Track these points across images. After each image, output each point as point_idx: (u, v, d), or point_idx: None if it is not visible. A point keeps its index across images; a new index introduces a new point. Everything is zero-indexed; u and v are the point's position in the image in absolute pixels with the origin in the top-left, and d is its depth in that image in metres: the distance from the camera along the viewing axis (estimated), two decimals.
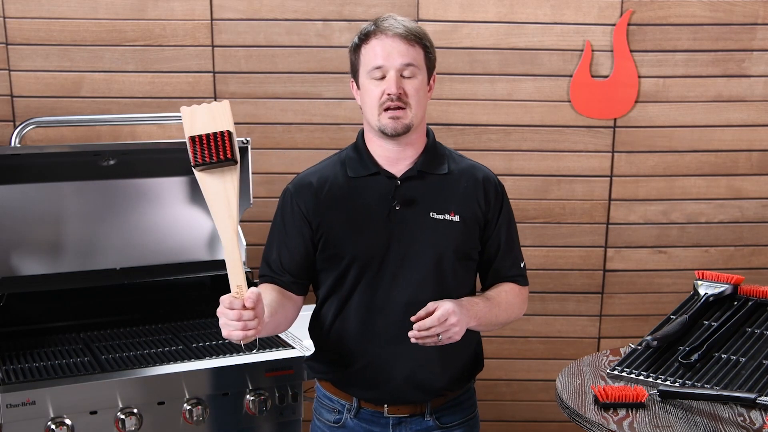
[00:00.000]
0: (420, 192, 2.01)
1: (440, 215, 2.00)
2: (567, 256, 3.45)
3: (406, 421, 2.07)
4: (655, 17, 3.30)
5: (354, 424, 2.09)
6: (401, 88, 1.94)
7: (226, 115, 1.79)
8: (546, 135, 3.38)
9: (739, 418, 2.02)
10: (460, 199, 2.02)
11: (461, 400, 2.14)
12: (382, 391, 2.05)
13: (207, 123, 1.77)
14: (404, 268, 1.99)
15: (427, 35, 2.02)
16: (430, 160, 2.04)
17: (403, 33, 1.95)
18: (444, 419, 2.10)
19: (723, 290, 2.58)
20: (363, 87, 2.01)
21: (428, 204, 2.01)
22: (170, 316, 2.82)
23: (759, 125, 3.39)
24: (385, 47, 1.95)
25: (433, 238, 1.99)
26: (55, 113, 3.20)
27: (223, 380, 2.40)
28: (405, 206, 2.00)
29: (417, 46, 1.97)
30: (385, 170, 2.02)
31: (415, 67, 1.96)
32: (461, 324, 1.89)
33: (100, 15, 3.20)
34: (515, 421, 3.57)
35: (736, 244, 3.47)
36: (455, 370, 2.08)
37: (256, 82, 3.30)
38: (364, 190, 2.02)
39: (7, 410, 2.16)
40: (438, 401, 2.08)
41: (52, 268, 2.70)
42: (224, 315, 1.77)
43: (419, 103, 1.97)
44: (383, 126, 1.96)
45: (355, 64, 2.03)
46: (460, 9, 3.27)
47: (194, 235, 2.88)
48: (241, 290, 1.76)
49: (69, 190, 2.72)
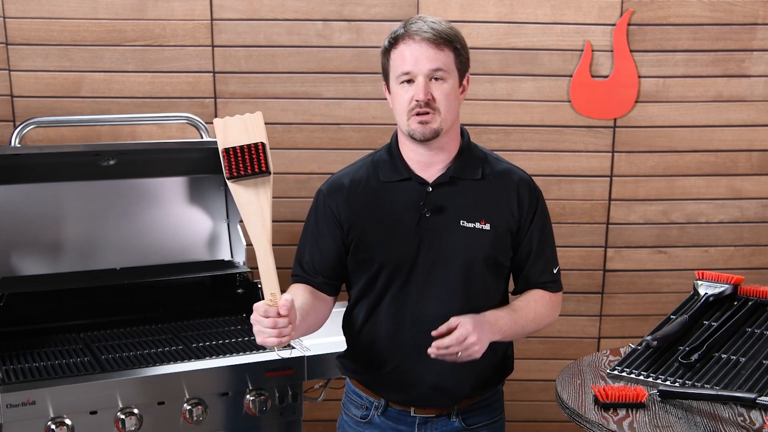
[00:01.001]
0: (451, 199, 2.00)
1: (471, 224, 1.98)
2: (567, 256, 3.45)
3: (432, 421, 2.08)
4: (655, 17, 3.30)
5: (380, 422, 2.10)
6: (429, 94, 1.92)
7: (259, 126, 1.79)
8: (546, 135, 3.38)
9: (739, 418, 2.02)
10: (492, 206, 2.00)
11: (488, 402, 2.14)
12: (409, 396, 2.06)
13: (240, 135, 1.77)
14: (433, 276, 1.99)
15: (459, 36, 1.98)
16: (463, 166, 2.02)
17: (431, 37, 1.92)
18: (470, 420, 2.10)
19: (723, 290, 2.58)
20: (393, 92, 1.99)
21: (459, 212, 1.99)
22: (170, 316, 2.81)
23: (759, 125, 3.39)
24: (413, 52, 1.93)
25: (463, 247, 1.98)
26: (55, 113, 3.20)
27: (223, 380, 2.39)
28: (435, 213, 1.99)
29: (446, 49, 1.94)
30: (417, 176, 2.01)
31: (444, 71, 1.94)
32: (482, 342, 1.89)
33: (100, 15, 3.20)
34: (515, 421, 3.57)
35: (736, 244, 3.47)
36: (482, 376, 2.08)
37: (256, 82, 3.30)
38: (396, 196, 2.01)
39: (7, 410, 2.16)
40: (465, 404, 2.09)
41: (52, 268, 2.70)
42: (259, 323, 1.79)
43: (449, 108, 1.96)
44: (412, 131, 1.95)
45: (386, 68, 2.01)
46: (460, 9, 3.27)
47: (194, 235, 2.88)
48: (275, 298, 1.77)
49: (69, 190, 2.72)
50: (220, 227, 2.90)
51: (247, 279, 2.77)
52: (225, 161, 1.77)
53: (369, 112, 3.33)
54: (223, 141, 1.78)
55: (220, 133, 1.78)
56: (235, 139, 1.77)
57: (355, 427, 2.15)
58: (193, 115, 2.99)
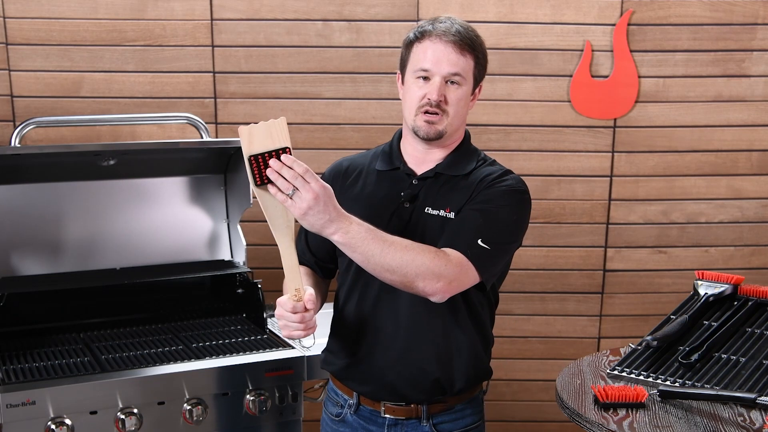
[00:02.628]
0: (428, 191, 2.01)
1: (435, 211, 1.99)
2: (567, 256, 3.45)
3: (402, 423, 2.07)
4: (655, 17, 3.30)
5: (353, 420, 2.11)
6: (443, 95, 1.94)
7: (283, 131, 1.80)
8: (546, 135, 3.38)
9: (739, 418, 2.02)
10: (462, 197, 2.01)
11: (461, 409, 2.11)
12: (376, 386, 2.06)
13: (265, 141, 1.78)
14: None
15: (482, 45, 2.00)
16: (452, 164, 2.03)
17: (456, 40, 1.94)
18: (442, 426, 2.08)
19: (723, 290, 2.58)
20: (407, 84, 2.01)
21: (428, 201, 2.00)
22: (170, 316, 2.81)
23: (759, 125, 3.39)
24: (436, 51, 1.94)
25: (425, 232, 1.98)
26: (55, 113, 3.20)
27: (223, 380, 2.39)
28: (410, 203, 2.01)
29: (468, 55, 1.96)
30: (408, 167, 2.04)
31: (461, 76, 1.95)
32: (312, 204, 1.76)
33: (100, 15, 3.20)
34: (515, 421, 3.57)
35: (736, 244, 3.47)
36: (451, 371, 2.05)
37: (256, 82, 3.30)
38: (383, 185, 2.05)
39: (7, 410, 2.16)
40: (435, 407, 2.07)
41: (52, 268, 2.69)
42: (285, 318, 1.88)
43: (457, 113, 1.97)
44: (417, 127, 1.98)
45: (405, 59, 2.02)
46: (460, 9, 3.27)
47: (194, 235, 2.88)
48: (299, 293, 1.86)
49: (69, 190, 2.72)
50: (220, 227, 2.90)
51: (247, 279, 2.77)
52: (254, 169, 1.78)
53: (369, 112, 3.33)
54: (248, 148, 1.78)
55: (245, 140, 1.79)
56: (260, 145, 1.78)
57: (331, 425, 2.17)
58: (193, 115, 2.99)
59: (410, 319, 2.01)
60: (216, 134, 3.29)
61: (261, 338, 2.62)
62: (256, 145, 1.78)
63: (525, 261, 3.42)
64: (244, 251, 2.82)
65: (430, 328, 2.01)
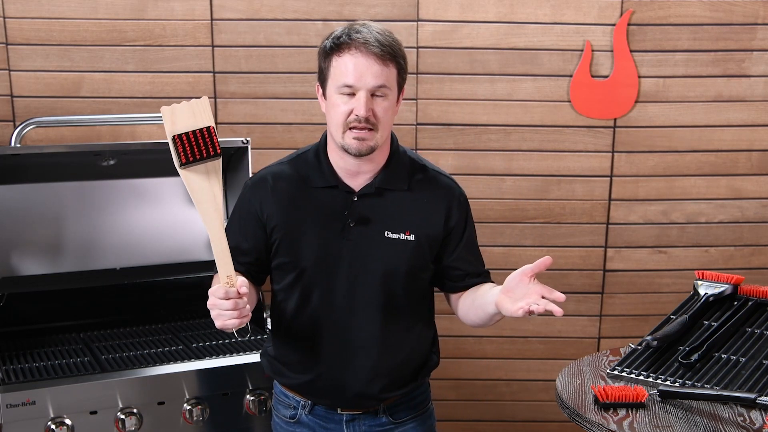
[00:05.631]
0: (376, 210, 1.98)
1: (395, 234, 1.97)
2: (567, 256, 3.45)
3: (360, 417, 2.08)
4: (655, 17, 3.30)
5: (308, 420, 2.10)
6: (370, 110, 1.87)
7: (206, 110, 1.78)
8: (546, 135, 3.38)
9: (739, 418, 2.02)
10: (417, 216, 1.99)
11: (414, 396, 2.14)
12: (335, 401, 2.06)
13: (188, 120, 1.77)
14: (356, 286, 1.98)
15: (402, 50, 1.93)
16: (390, 176, 2.00)
17: (378, 51, 1.86)
18: (397, 415, 2.11)
19: (723, 290, 2.58)
20: (330, 100, 1.92)
21: (384, 223, 1.98)
22: (170, 316, 2.82)
23: (759, 125, 3.39)
24: (358, 66, 1.86)
25: (387, 258, 1.97)
26: (55, 113, 3.19)
27: (223, 380, 2.40)
28: (360, 224, 1.97)
29: (391, 65, 1.89)
30: (344, 183, 1.98)
31: (386, 88, 1.89)
32: None
33: (100, 15, 3.20)
34: (515, 421, 3.57)
35: (736, 244, 3.47)
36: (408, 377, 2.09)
37: (256, 82, 3.30)
38: (321, 202, 1.98)
39: (7, 410, 2.16)
40: (390, 400, 2.09)
41: (52, 268, 2.70)
42: (218, 306, 1.80)
43: (386, 124, 1.92)
44: (347, 146, 1.91)
45: (324, 71, 1.94)
46: (460, 9, 3.27)
47: (194, 235, 2.88)
48: (231, 280, 1.78)
49: (69, 190, 2.72)
50: None
51: None
52: (177, 148, 1.77)
53: None
54: (171, 128, 1.77)
55: (167, 120, 1.77)
56: (183, 125, 1.77)
57: (285, 427, 2.14)
58: None
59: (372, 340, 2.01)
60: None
61: (261, 338, 2.63)
62: (179, 125, 1.77)
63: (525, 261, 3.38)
64: None
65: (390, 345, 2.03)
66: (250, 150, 2.71)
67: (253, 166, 2.76)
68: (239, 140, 2.71)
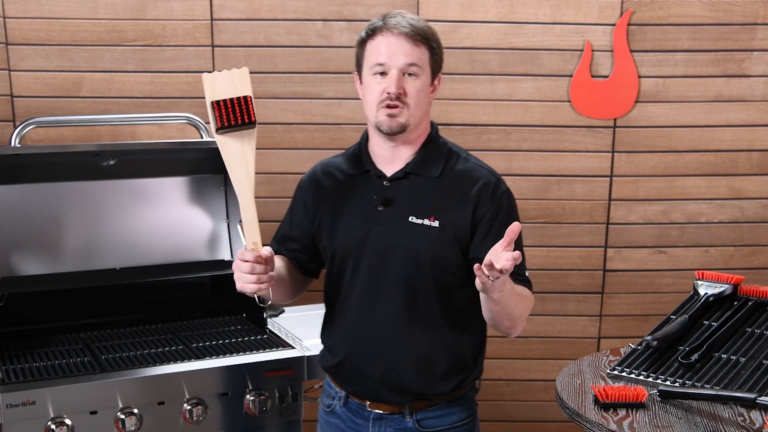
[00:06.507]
0: (404, 194, 2.00)
1: (419, 220, 1.98)
2: (567, 256, 3.45)
3: (387, 418, 2.08)
4: (655, 17, 3.30)
5: (341, 412, 2.13)
6: (402, 88, 1.94)
7: (245, 80, 1.88)
8: (546, 135, 3.38)
9: (739, 418, 2.02)
10: (444, 204, 1.99)
11: (446, 406, 2.09)
12: (361, 388, 2.08)
13: (227, 88, 1.88)
14: (381, 270, 2.00)
15: (435, 35, 2.00)
16: (422, 162, 2.02)
17: (409, 32, 1.94)
18: (425, 423, 2.07)
19: (723, 290, 2.58)
20: (365, 82, 2.01)
21: (409, 207, 1.99)
22: (170, 316, 2.82)
23: (759, 125, 3.39)
24: (389, 45, 1.94)
25: (409, 242, 1.98)
26: (55, 113, 3.20)
27: (223, 380, 2.40)
28: (386, 207, 2.00)
29: (422, 46, 1.96)
30: (377, 169, 2.03)
31: (418, 67, 1.95)
32: None
33: (100, 15, 3.20)
34: (515, 421, 3.57)
35: (736, 244, 3.47)
36: (431, 375, 2.05)
37: (256, 82, 3.26)
38: (355, 188, 2.05)
39: (7, 410, 2.16)
40: (417, 405, 2.07)
41: (52, 268, 2.69)
42: (238, 268, 1.87)
43: (418, 104, 1.96)
44: (379, 123, 1.97)
45: (360, 58, 2.02)
46: (460, 9, 3.27)
47: (194, 235, 2.88)
48: (256, 246, 1.86)
49: (69, 190, 2.72)
50: (220, 227, 2.90)
51: None
52: (216, 113, 1.86)
53: None
54: (211, 94, 1.88)
55: (208, 87, 1.88)
56: (222, 92, 1.87)
57: (323, 416, 2.20)
58: (193, 115, 2.99)
59: (391, 327, 2.01)
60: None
61: (261, 338, 2.63)
62: (218, 92, 1.87)
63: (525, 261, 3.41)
64: None
65: (411, 335, 2.02)
66: None
67: None
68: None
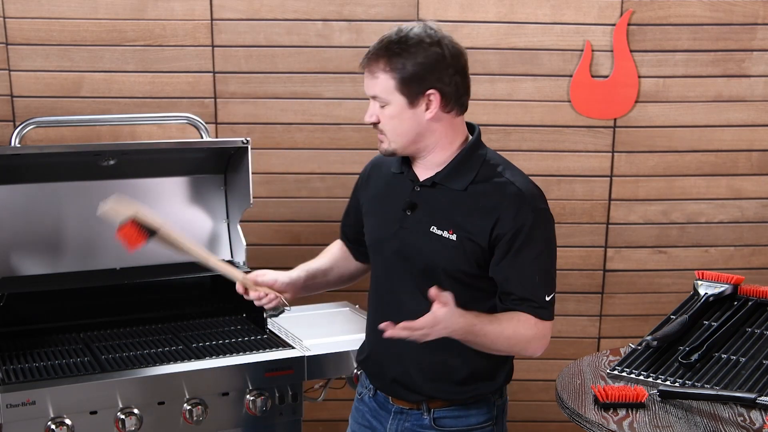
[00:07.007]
0: (430, 203, 1.99)
1: (439, 231, 1.96)
2: (567, 256, 3.45)
3: (407, 412, 2.09)
4: (655, 17, 3.30)
5: (368, 401, 2.18)
6: (375, 116, 1.94)
7: (123, 204, 2.10)
8: (546, 135, 3.38)
9: (739, 418, 2.02)
10: (465, 218, 1.95)
11: (464, 408, 2.07)
12: (381, 384, 2.12)
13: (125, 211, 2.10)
14: (400, 271, 2.03)
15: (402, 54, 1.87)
16: (451, 174, 1.98)
17: (367, 63, 1.91)
18: (442, 422, 2.07)
19: (723, 290, 2.58)
20: None
21: (432, 217, 1.98)
22: (170, 316, 2.81)
23: (759, 125, 3.39)
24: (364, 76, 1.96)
25: (427, 252, 1.97)
26: (55, 113, 3.20)
27: (223, 380, 2.40)
28: (413, 212, 2.00)
29: (380, 74, 1.89)
30: (413, 173, 2.03)
31: (380, 97, 1.91)
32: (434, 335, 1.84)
33: (100, 15, 3.20)
34: (515, 421, 3.56)
35: (736, 244, 3.47)
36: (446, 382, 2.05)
37: (256, 82, 3.30)
38: (393, 187, 2.07)
39: (7, 410, 2.16)
40: (434, 403, 2.07)
41: (52, 268, 2.69)
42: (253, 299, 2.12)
43: (395, 130, 1.93)
44: None
45: None
46: (460, 9, 3.27)
47: (194, 235, 2.88)
48: (244, 280, 2.10)
49: (69, 190, 2.72)
50: (220, 227, 2.90)
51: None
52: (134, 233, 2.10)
53: None
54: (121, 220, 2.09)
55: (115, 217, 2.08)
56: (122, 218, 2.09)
57: (355, 403, 2.25)
58: (193, 115, 2.99)
59: None
60: (216, 134, 3.29)
61: (261, 338, 2.63)
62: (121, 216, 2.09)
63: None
64: (244, 251, 2.82)
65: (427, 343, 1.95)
66: (250, 150, 2.71)
67: (253, 166, 2.76)
68: (239, 140, 2.70)
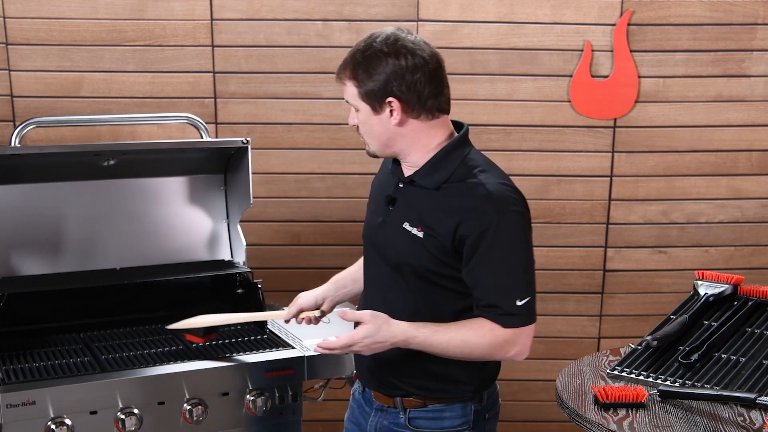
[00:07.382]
0: (406, 199, 2.03)
1: (410, 227, 1.99)
2: (567, 256, 3.45)
3: (386, 410, 2.12)
4: (655, 17, 3.30)
5: (358, 397, 2.22)
6: (354, 120, 2.04)
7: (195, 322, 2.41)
8: (546, 135, 3.38)
9: (739, 418, 2.02)
10: (433, 217, 1.96)
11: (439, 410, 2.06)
12: (362, 376, 2.18)
13: None
14: (379, 265, 2.09)
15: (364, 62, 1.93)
16: (427, 173, 1.99)
17: (338, 72, 2.01)
18: (416, 422, 2.07)
19: (723, 290, 2.58)
20: None
21: (406, 213, 2.01)
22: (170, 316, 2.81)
23: (759, 125, 3.39)
24: None
25: (398, 247, 2.01)
26: (55, 113, 3.20)
27: (223, 380, 2.39)
28: (392, 207, 2.06)
29: (348, 83, 1.99)
30: (399, 170, 2.07)
31: (350, 103, 2.01)
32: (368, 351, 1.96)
33: (100, 15, 3.20)
34: (515, 421, 3.57)
35: (736, 244, 3.47)
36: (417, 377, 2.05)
37: (256, 82, 3.30)
38: (386, 183, 2.12)
39: (7, 410, 2.16)
40: (409, 402, 2.07)
41: (52, 268, 2.69)
42: None
43: (370, 134, 2.01)
44: None
45: None
46: (460, 9, 3.27)
47: (194, 235, 2.88)
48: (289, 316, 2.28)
49: (69, 190, 2.72)
50: (220, 227, 2.90)
51: (247, 279, 2.77)
52: None
53: None
54: None
55: None
56: None
57: (350, 401, 2.29)
58: (193, 115, 2.99)
59: None
60: (216, 134, 3.29)
61: (261, 338, 2.63)
62: None
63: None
64: (244, 251, 2.82)
65: None
66: (250, 150, 2.71)
67: (253, 166, 2.76)
68: (239, 140, 2.70)
